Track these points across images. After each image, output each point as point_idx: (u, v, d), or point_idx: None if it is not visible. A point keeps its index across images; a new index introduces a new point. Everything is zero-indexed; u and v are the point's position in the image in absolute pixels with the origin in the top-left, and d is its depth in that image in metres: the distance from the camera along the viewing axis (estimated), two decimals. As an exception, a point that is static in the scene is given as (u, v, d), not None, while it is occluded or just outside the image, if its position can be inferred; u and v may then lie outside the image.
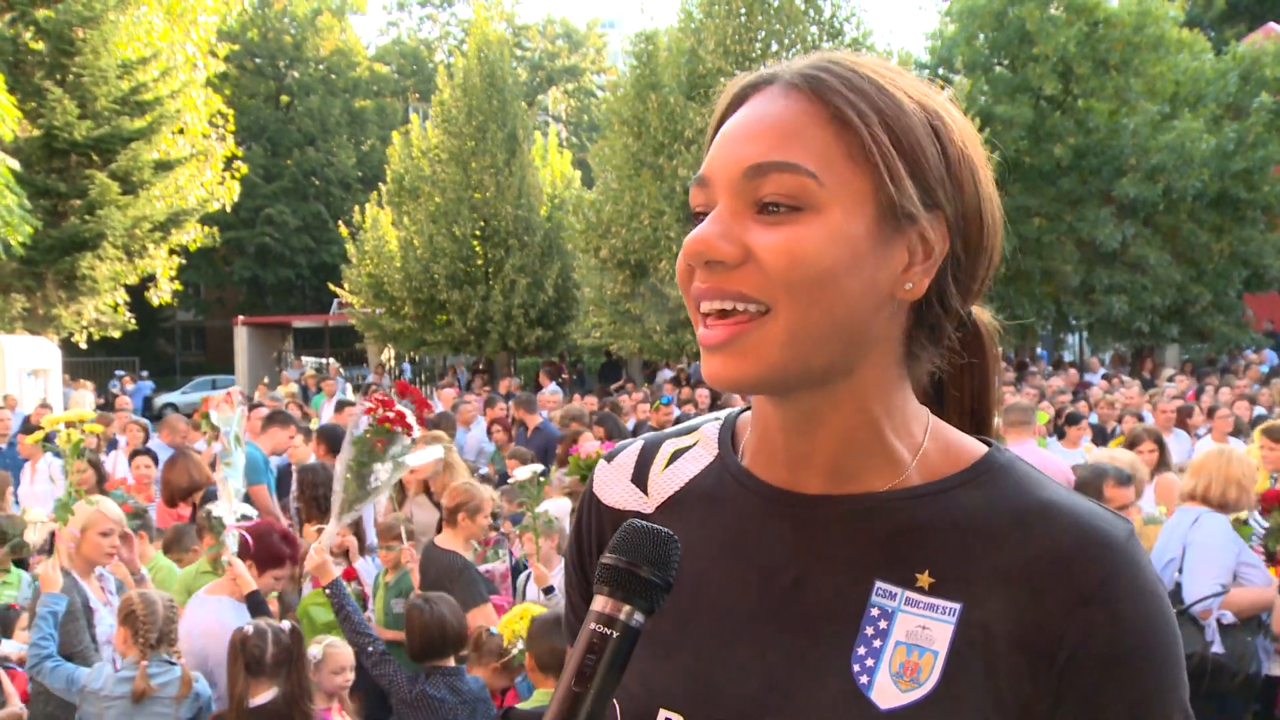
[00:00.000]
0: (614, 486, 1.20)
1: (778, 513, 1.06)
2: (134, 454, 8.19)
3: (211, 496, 5.81)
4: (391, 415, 4.40)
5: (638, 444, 1.23)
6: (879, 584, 1.00)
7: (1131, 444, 7.07)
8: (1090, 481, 4.92)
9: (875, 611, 0.99)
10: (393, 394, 4.74)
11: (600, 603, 0.92)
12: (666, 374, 22.43)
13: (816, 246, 0.93)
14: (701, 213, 1.00)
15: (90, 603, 4.59)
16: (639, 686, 1.05)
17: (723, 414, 1.20)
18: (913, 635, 0.97)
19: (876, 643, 0.98)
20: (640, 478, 1.18)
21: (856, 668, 0.97)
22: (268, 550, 4.66)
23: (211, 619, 4.37)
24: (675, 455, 1.18)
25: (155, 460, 8.21)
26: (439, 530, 6.74)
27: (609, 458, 1.24)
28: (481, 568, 5.59)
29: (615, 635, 0.91)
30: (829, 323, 0.95)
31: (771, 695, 0.99)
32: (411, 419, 4.51)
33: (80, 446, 6.09)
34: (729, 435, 1.16)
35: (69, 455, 5.90)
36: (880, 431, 1.03)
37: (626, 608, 0.92)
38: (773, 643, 1.01)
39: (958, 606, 0.97)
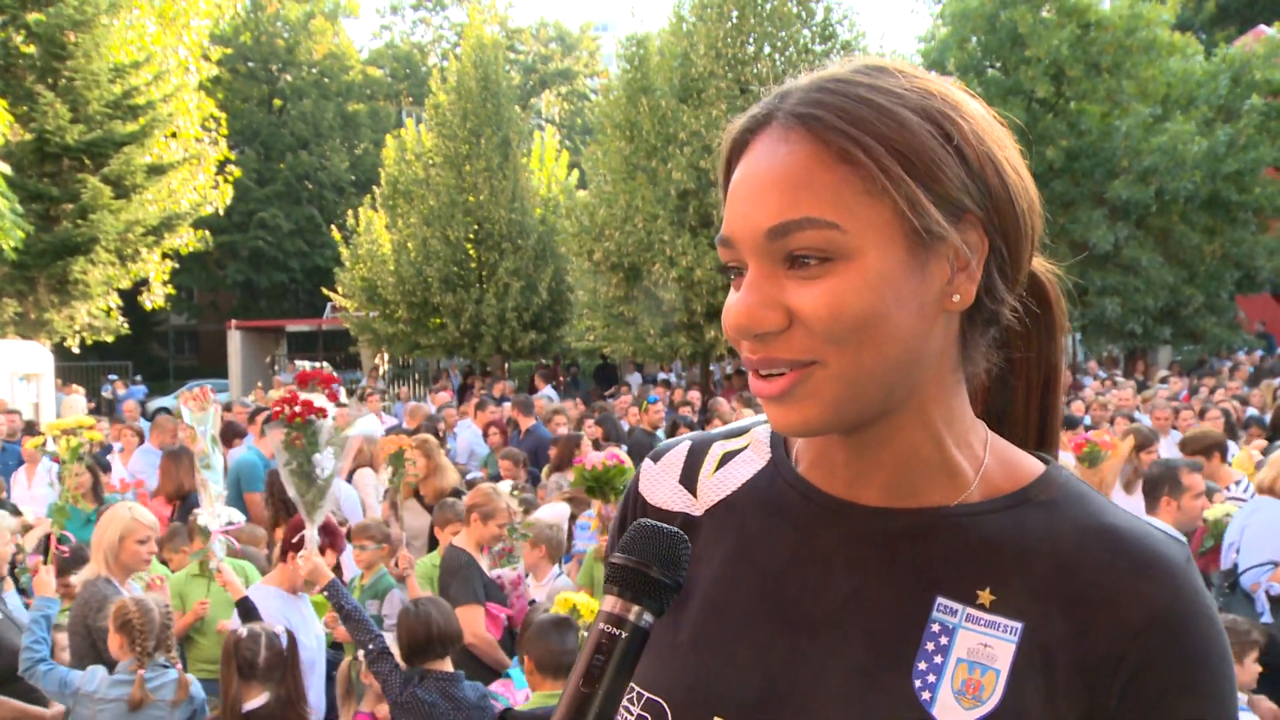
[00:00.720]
0: (661, 486, 1.18)
1: (837, 524, 1.05)
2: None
3: (194, 505, 5.80)
4: (298, 409, 4.37)
5: (684, 444, 1.21)
6: (940, 600, 0.99)
7: (1141, 446, 7.15)
8: (1165, 475, 5.02)
9: (936, 627, 0.98)
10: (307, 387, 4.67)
11: (609, 603, 0.91)
12: (636, 378, 22.44)
13: (857, 295, 0.92)
14: (733, 264, 0.99)
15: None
16: (691, 691, 1.04)
17: None
18: (974, 653, 0.96)
19: (937, 659, 0.97)
20: (689, 479, 1.17)
21: (918, 683, 0.96)
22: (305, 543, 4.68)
23: (260, 608, 4.44)
24: (726, 458, 1.17)
25: (104, 468, 8.21)
26: (430, 535, 6.77)
27: (655, 457, 1.22)
28: (493, 573, 5.61)
29: (624, 636, 0.90)
30: (882, 362, 0.94)
31: (829, 705, 0.98)
32: (322, 400, 4.47)
33: (79, 451, 6.10)
34: (781, 439, 1.15)
35: (66, 460, 5.90)
36: (943, 446, 1.02)
37: (635, 608, 0.91)
38: (829, 651, 1.00)
39: (1019, 626, 0.96)
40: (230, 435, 9.12)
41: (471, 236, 24.09)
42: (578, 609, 4.18)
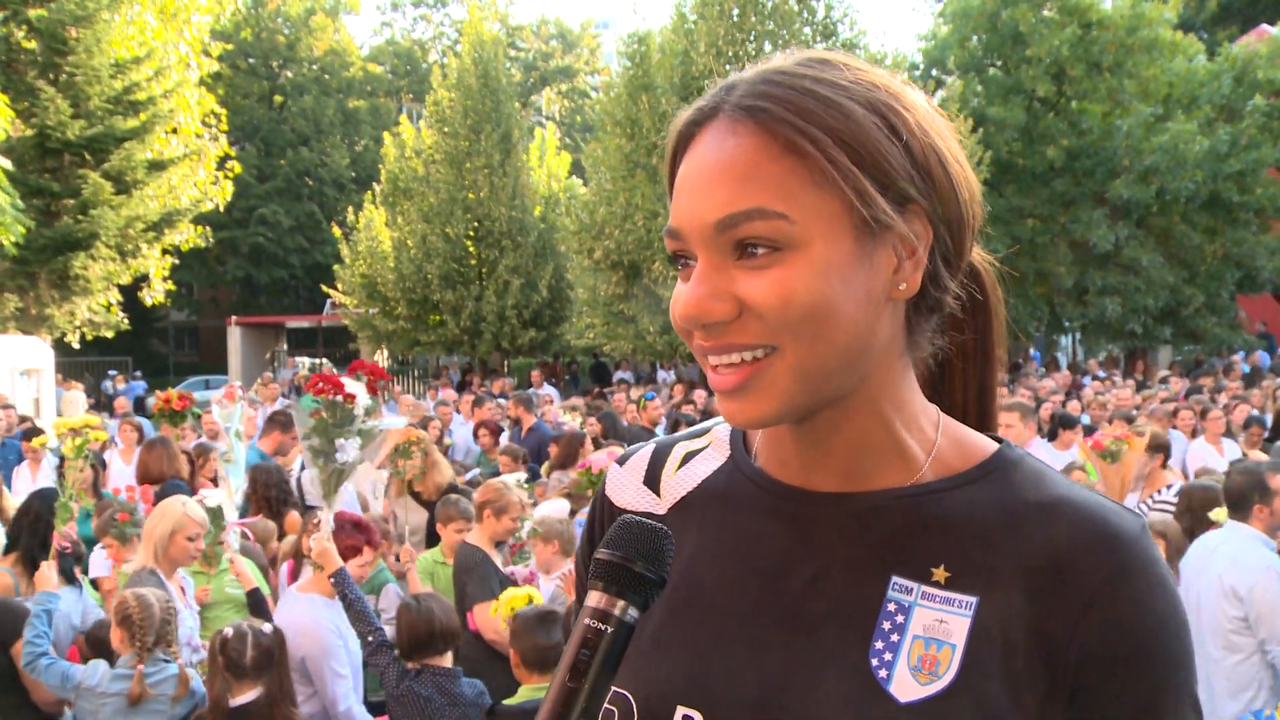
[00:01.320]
0: (627, 489, 1.20)
1: (793, 511, 1.07)
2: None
3: (170, 490, 5.80)
4: (327, 386, 4.43)
5: (649, 447, 1.23)
6: (895, 579, 1.00)
7: (1155, 448, 7.14)
8: (1252, 482, 4.91)
9: (892, 606, 1.00)
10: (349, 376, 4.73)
11: (594, 598, 0.92)
12: (625, 376, 22.45)
13: (806, 283, 0.93)
14: (680, 254, 1.00)
15: (174, 603, 4.63)
16: (656, 685, 1.05)
17: None
18: (930, 629, 0.98)
19: (894, 637, 0.98)
20: (653, 480, 1.19)
21: (875, 661, 0.98)
22: (342, 543, 4.67)
23: (304, 616, 4.42)
24: (687, 457, 1.19)
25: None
26: (429, 531, 6.77)
27: (621, 461, 1.24)
28: (507, 569, 5.62)
29: (609, 630, 0.90)
30: (834, 350, 0.96)
31: (792, 691, 0.99)
32: (358, 389, 4.51)
33: (84, 449, 6.13)
34: (740, 437, 1.17)
35: (71, 459, 5.92)
36: (893, 430, 1.04)
37: (621, 603, 0.91)
38: (792, 639, 1.02)
39: (974, 600, 0.98)
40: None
41: (471, 234, 24.10)
42: (532, 599, 4.21)
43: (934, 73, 23.87)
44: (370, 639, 4.26)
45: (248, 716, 3.89)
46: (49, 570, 4.58)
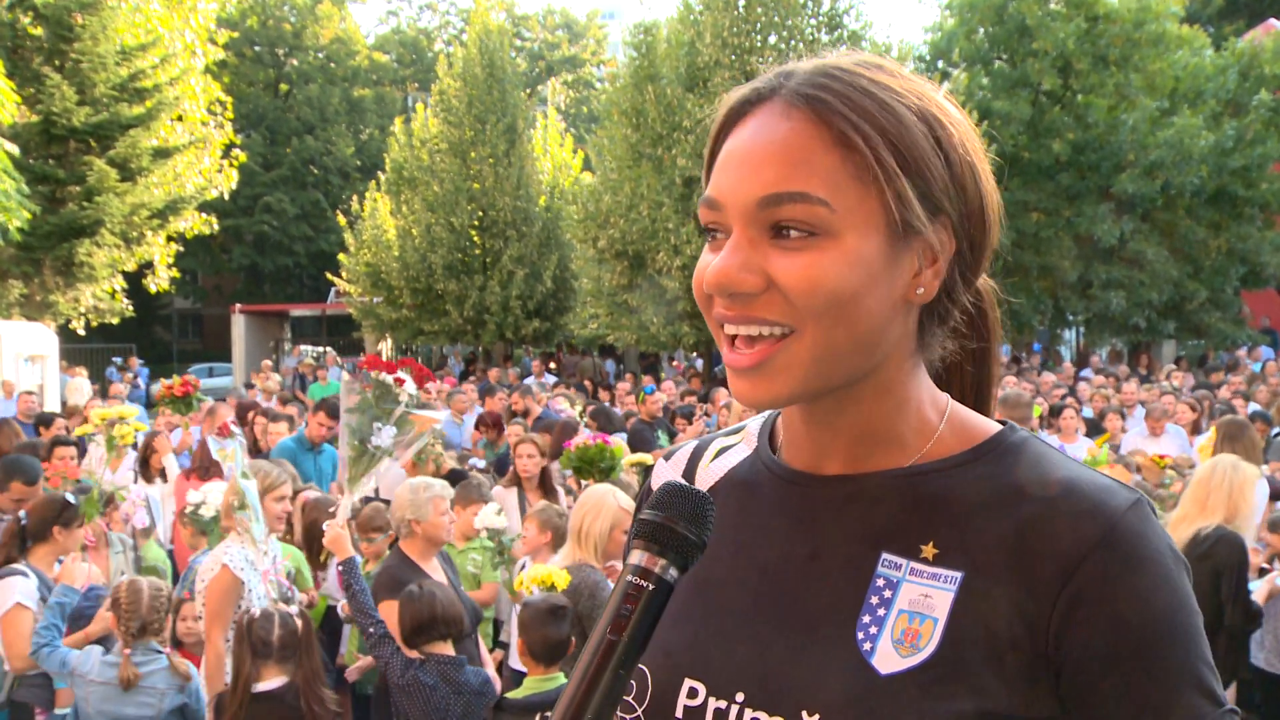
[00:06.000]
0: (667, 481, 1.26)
1: (797, 493, 1.11)
2: (54, 443, 7.50)
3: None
4: (379, 368, 4.47)
5: (692, 444, 1.31)
6: (885, 555, 1.04)
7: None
8: None
9: (881, 582, 1.03)
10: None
11: (637, 556, 0.95)
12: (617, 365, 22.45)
13: (836, 271, 0.96)
14: (713, 228, 1.03)
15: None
16: (666, 656, 1.10)
17: (768, 413, 1.25)
18: (915, 603, 1.00)
19: (881, 611, 1.02)
20: (690, 473, 1.26)
21: (861, 635, 1.01)
22: None
23: None
24: (721, 452, 1.25)
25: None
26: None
27: (667, 456, 1.32)
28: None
29: (650, 588, 0.93)
30: (851, 340, 0.99)
31: (784, 663, 1.03)
32: (408, 379, 4.54)
33: (127, 441, 6.11)
34: (768, 430, 1.22)
35: (109, 452, 5.90)
36: (898, 416, 1.08)
37: (662, 561, 0.94)
38: (788, 614, 1.06)
39: (959, 575, 1.00)
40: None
41: (476, 223, 24.08)
42: (554, 584, 4.21)
43: (940, 65, 23.80)
44: (371, 630, 4.27)
45: (275, 701, 3.89)
46: (73, 565, 4.57)
